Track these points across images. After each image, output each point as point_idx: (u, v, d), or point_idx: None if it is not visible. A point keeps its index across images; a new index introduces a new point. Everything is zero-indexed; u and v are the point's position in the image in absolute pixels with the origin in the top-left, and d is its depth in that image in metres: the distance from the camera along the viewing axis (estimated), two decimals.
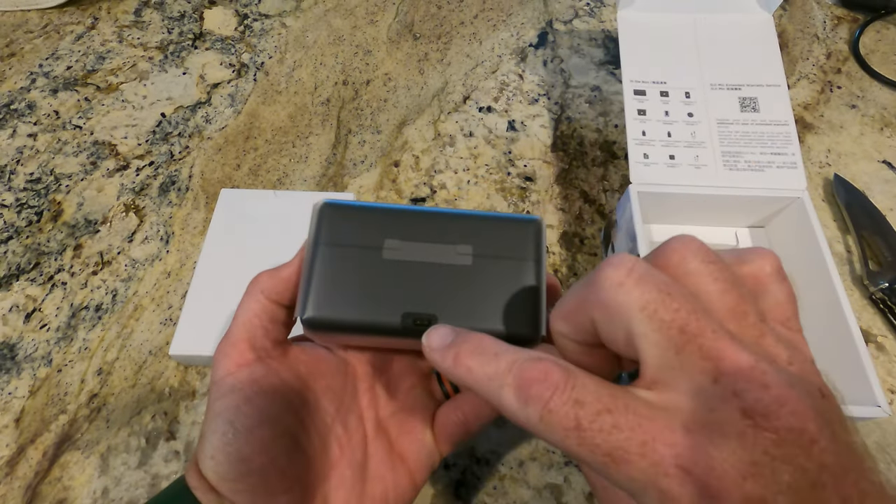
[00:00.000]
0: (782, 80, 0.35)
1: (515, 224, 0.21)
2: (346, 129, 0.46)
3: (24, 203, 0.41)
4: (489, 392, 0.14)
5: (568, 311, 0.16)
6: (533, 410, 0.13)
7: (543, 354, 0.14)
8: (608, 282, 0.14)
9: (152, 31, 0.52)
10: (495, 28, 0.52)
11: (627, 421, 0.13)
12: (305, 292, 0.19)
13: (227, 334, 0.21)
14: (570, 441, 0.13)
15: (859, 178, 0.42)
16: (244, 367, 0.20)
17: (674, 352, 0.13)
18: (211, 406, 0.20)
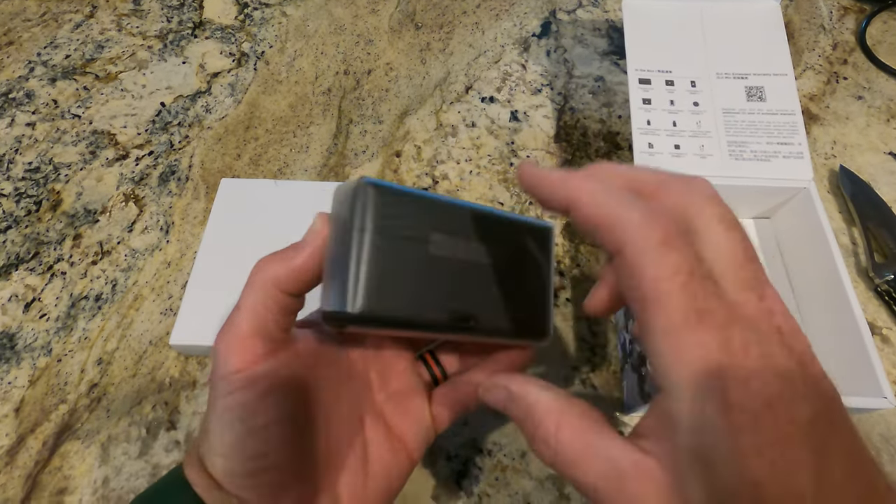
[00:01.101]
0: (789, 68, 0.35)
1: (533, 229, 0.22)
2: (347, 119, 0.45)
3: (22, 192, 0.41)
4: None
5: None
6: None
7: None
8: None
9: (151, 19, 0.51)
10: (498, 17, 0.52)
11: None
12: (347, 283, 0.17)
13: (231, 325, 0.19)
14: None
15: (865, 170, 0.42)
16: (257, 363, 0.19)
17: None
18: (218, 402, 0.19)
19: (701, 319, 0.14)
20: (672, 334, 0.14)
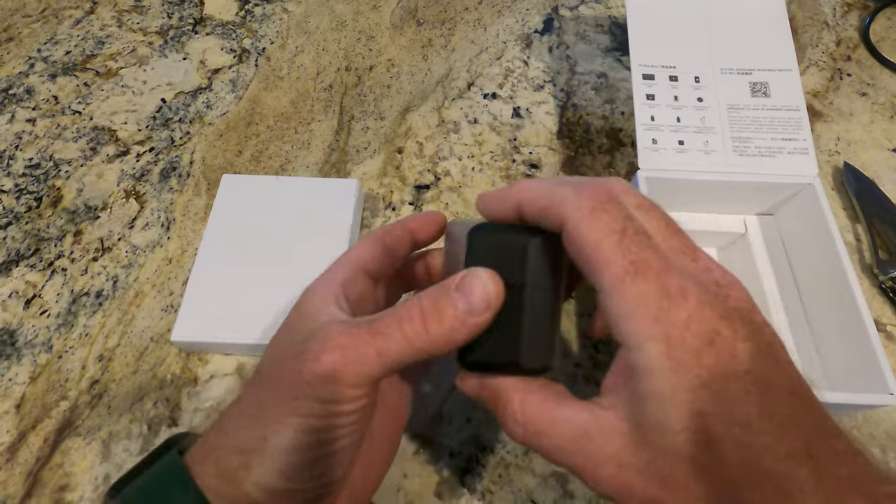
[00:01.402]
0: (794, 64, 0.35)
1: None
2: (348, 115, 0.45)
3: (23, 188, 0.41)
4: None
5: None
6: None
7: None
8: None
9: (152, 15, 0.51)
10: (500, 14, 0.51)
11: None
12: (520, 336, 0.18)
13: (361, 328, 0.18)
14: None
15: (869, 167, 0.42)
16: (367, 396, 0.18)
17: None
18: (292, 418, 0.17)
19: (638, 270, 0.15)
20: (617, 289, 0.16)
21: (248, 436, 0.18)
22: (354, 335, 0.17)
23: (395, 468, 0.30)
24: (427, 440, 0.31)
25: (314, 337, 0.18)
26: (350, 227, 0.36)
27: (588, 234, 0.16)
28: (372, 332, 0.17)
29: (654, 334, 0.15)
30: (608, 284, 0.16)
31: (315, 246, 0.35)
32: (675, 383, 0.15)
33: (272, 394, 0.18)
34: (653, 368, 0.15)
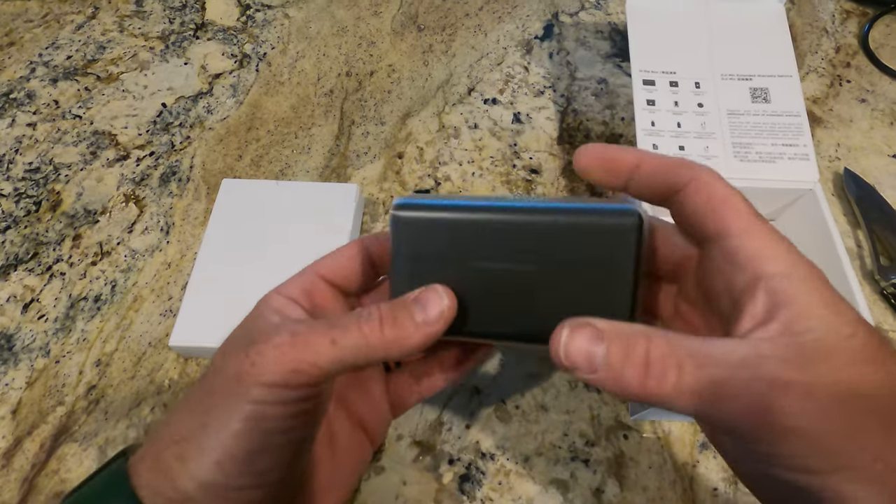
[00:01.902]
0: (794, 70, 0.35)
1: (608, 223, 0.18)
2: (349, 120, 0.45)
3: (22, 192, 0.41)
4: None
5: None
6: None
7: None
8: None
9: (153, 20, 0.51)
10: (500, 20, 0.52)
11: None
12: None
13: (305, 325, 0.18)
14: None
15: (869, 173, 0.42)
16: (316, 388, 0.17)
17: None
18: (244, 406, 0.16)
19: (763, 220, 0.17)
20: (752, 229, 0.16)
21: (187, 424, 0.17)
22: (310, 325, 0.17)
23: (395, 475, 0.30)
24: (427, 447, 0.31)
25: (269, 327, 0.18)
26: (350, 232, 0.36)
27: (720, 188, 0.17)
28: (329, 325, 0.17)
29: (796, 261, 0.16)
30: (742, 226, 0.16)
31: (315, 251, 0.35)
32: (831, 295, 0.15)
33: (217, 381, 0.17)
34: (810, 284, 0.15)
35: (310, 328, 0.17)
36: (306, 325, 0.17)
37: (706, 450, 0.31)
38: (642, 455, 0.31)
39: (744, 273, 0.16)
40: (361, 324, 0.17)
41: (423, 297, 0.18)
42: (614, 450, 0.31)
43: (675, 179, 0.18)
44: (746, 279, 0.16)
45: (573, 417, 0.32)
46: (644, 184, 0.19)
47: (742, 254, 0.16)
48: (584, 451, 0.31)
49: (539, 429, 0.32)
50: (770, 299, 0.15)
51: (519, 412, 0.32)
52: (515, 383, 0.33)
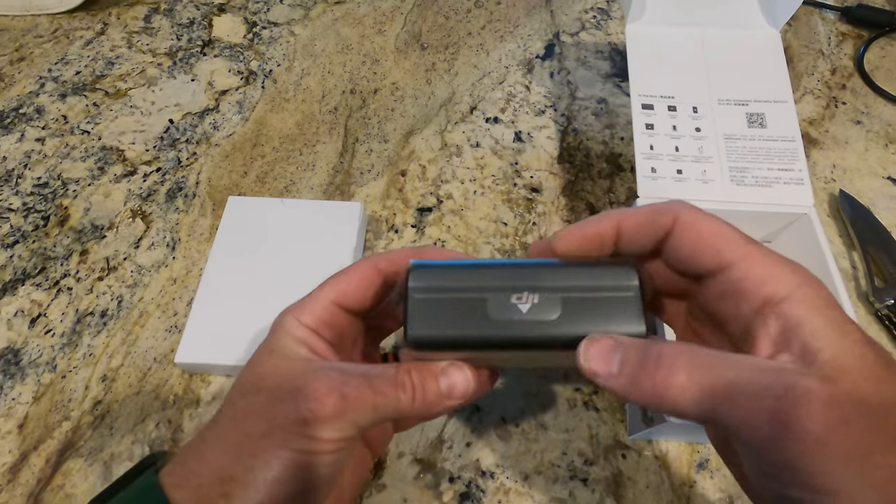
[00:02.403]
0: (789, 96, 0.36)
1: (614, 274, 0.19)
2: (353, 137, 0.46)
3: (31, 207, 0.42)
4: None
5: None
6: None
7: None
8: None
9: (161, 37, 0.52)
10: (502, 39, 0.53)
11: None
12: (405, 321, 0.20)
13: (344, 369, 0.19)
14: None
15: (864, 194, 0.42)
16: (356, 440, 0.20)
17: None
18: (283, 452, 0.18)
19: (756, 244, 0.17)
20: (749, 256, 0.17)
21: (232, 465, 0.18)
22: (356, 387, 0.19)
23: (396, 492, 0.31)
24: (427, 465, 0.32)
25: (315, 378, 0.19)
26: (354, 249, 0.37)
27: (706, 223, 0.17)
28: (373, 390, 0.19)
29: (801, 282, 0.16)
30: (740, 256, 0.17)
31: (319, 268, 0.36)
32: (837, 316, 0.15)
33: (261, 425, 0.18)
34: (816, 306, 0.15)
35: (357, 390, 0.19)
36: (352, 385, 0.19)
37: (703, 470, 0.31)
38: (640, 475, 0.31)
39: (751, 301, 0.16)
40: (399, 392, 0.19)
41: (450, 374, 0.20)
42: (612, 469, 0.31)
43: (657, 228, 0.18)
44: (755, 306, 0.16)
45: (572, 436, 0.32)
46: (631, 243, 0.19)
47: (747, 283, 0.16)
48: (583, 470, 0.31)
49: (538, 447, 0.32)
50: (783, 324, 0.16)
51: (519, 430, 0.33)
52: (516, 402, 0.33)
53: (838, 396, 0.14)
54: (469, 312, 0.19)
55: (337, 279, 0.22)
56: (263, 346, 0.21)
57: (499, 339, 0.19)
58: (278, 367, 0.20)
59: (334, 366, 0.20)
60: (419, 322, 0.19)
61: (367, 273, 0.22)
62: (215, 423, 0.20)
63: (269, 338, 0.21)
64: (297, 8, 0.55)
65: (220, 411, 0.20)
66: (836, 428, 0.14)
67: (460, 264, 0.20)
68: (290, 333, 0.20)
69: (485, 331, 0.19)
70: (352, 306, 0.22)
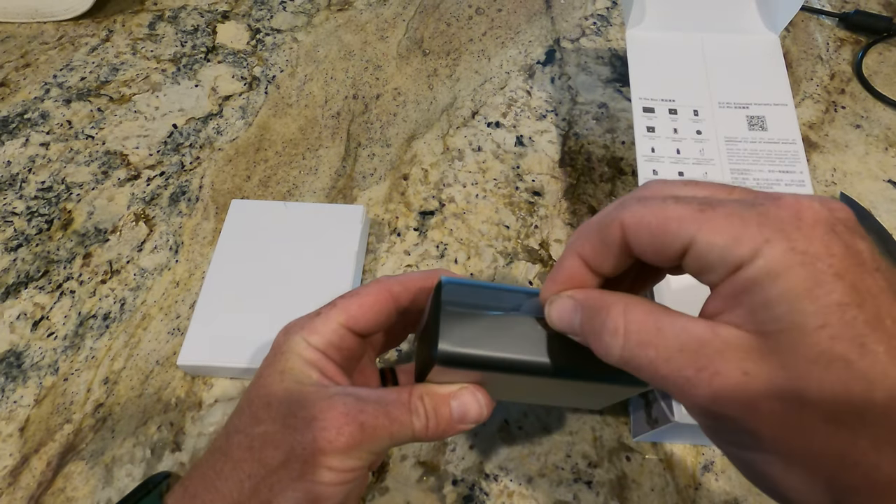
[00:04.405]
0: (789, 99, 0.36)
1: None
2: (355, 142, 0.46)
3: (34, 211, 0.42)
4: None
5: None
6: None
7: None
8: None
9: (166, 43, 0.53)
10: (503, 45, 0.53)
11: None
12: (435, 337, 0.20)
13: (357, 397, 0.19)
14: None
15: (865, 197, 0.42)
16: (370, 467, 0.20)
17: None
18: (301, 484, 0.18)
19: (711, 204, 0.15)
20: (706, 223, 0.15)
21: (249, 500, 0.18)
22: (373, 415, 0.19)
23: (399, 495, 0.30)
24: (430, 467, 0.31)
25: (330, 406, 0.19)
26: (356, 253, 0.37)
27: (649, 211, 0.16)
28: (389, 418, 0.19)
29: (769, 236, 0.14)
30: (694, 229, 0.15)
31: (321, 271, 0.36)
32: (807, 276, 0.13)
33: (278, 455, 0.18)
34: (778, 269, 0.13)
35: (374, 418, 0.19)
36: (368, 413, 0.19)
37: (708, 472, 0.31)
38: (644, 477, 0.31)
39: (722, 273, 0.15)
40: (413, 420, 0.19)
41: (462, 398, 0.20)
42: (617, 471, 0.31)
43: (612, 245, 0.17)
44: (721, 274, 0.15)
45: (576, 438, 0.32)
46: (606, 269, 0.18)
47: (712, 256, 0.15)
48: (587, 473, 0.31)
49: (542, 450, 0.32)
50: (731, 291, 0.14)
51: (522, 433, 0.32)
52: (519, 404, 0.33)
53: (755, 382, 0.13)
54: (500, 332, 0.19)
55: (348, 301, 0.21)
56: (271, 367, 0.20)
57: (529, 362, 0.19)
58: (291, 393, 0.19)
59: (348, 392, 0.19)
60: (449, 338, 0.18)
61: (379, 297, 0.22)
62: (225, 454, 0.19)
63: (276, 358, 0.20)
64: (301, 15, 0.55)
65: (228, 439, 0.20)
66: (741, 411, 0.14)
67: (490, 286, 0.20)
68: (300, 355, 0.20)
69: (516, 352, 0.19)
70: (361, 330, 0.21)
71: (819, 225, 0.13)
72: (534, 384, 0.20)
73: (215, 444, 0.20)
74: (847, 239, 0.13)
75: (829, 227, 0.13)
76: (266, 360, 0.21)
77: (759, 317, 0.14)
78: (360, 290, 0.22)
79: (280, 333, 0.21)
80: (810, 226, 0.14)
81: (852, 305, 0.13)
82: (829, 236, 0.13)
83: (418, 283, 0.22)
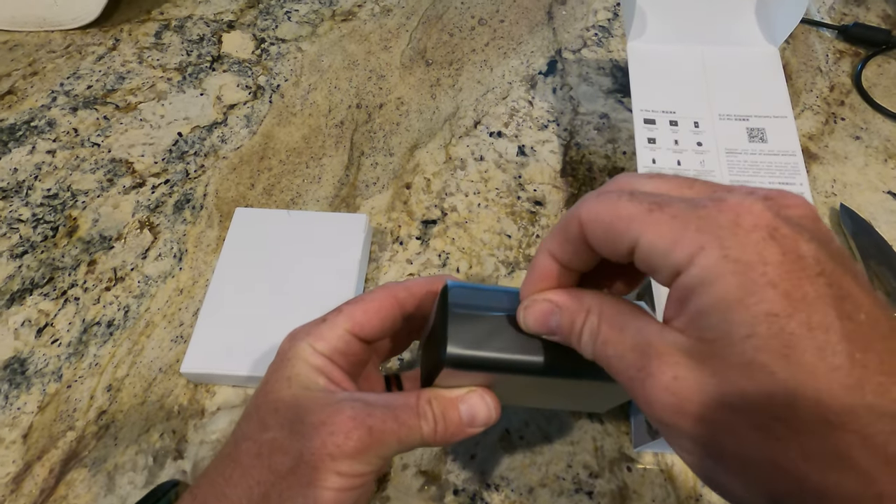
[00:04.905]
0: (789, 111, 0.36)
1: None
2: (358, 151, 0.46)
3: (40, 218, 0.42)
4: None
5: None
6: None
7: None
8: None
9: (172, 52, 0.53)
10: (506, 56, 0.54)
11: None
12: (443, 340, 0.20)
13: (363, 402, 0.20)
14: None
15: (865, 209, 0.43)
16: (379, 471, 0.20)
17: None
18: (312, 490, 0.18)
19: (660, 205, 0.15)
20: (647, 227, 0.15)
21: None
22: (381, 419, 0.19)
23: None
24: (432, 477, 0.31)
25: (338, 411, 0.19)
26: (359, 262, 0.37)
27: (604, 208, 0.16)
28: (397, 422, 0.19)
29: (704, 242, 0.14)
30: (641, 229, 0.15)
31: (324, 280, 0.36)
32: (738, 285, 0.13)
33: (287, 462, 0.18)
34: (710, 276, 0.13)
35: (382, 422, 0.19)
36: (376, 417, 0.19)
37: None
38: (646, 488, 0.31)
39: (664, 275, 0.15)
40: (422, 423, 0.19)
41: (471, 402, 0.20)
42: (618, 482, 0.31)
43: (575, 241, 0.17)
44: (665, 276, 0.15)
45: (577, 448, 0.32)
46: (579, 265, 0.18)
47: (654, 258, 0.15)
48: (588, 483, 0.31)
49: (543, 460, 0.32)
50: (678, 296, 0.15)
51: (523, 443, 0.33)
52: (520, 413, 0.33)
53: (682, 386, 0.14)
54: (507, 333, 0.19)
55: (353, 307, 0.22)
56: (278, 373, 0.20)
57: (537, 362, 0.19)
58: (298, 398, 0.19)
59: (356, 397, 0.19)
60: (458, 340, 0.18)
61: (384, 303, 0.22)
62: (234, 461, 0.19)
63: (283, 364, 0.20)
64: (305, 25, 0.56)
65: (236, 445, 0.20)
66: (672, 415, 0.14)
67: (495, 289, 0.20)
68: (307, 362, 0.20)
69: (523, 353, 0.19)
70: (367, 336, 0.21)
71: (757, 230, 0.13)
72: (541, 385, 0.20)
73: (224, 451, 0.20)
74: (788, 244, 0.13)
75: (769, 232, 0.13)
76: (272, 367, 0.21)
77: (697, 324, 0.14)
78: (365, 296, 0.22)
79: (286, 340, 0.21)
80: (747, 231, 0.13)
81: (782, 316, 0.13)
82: (764, 243, 0.13)
83: (423, 289, 0.23)
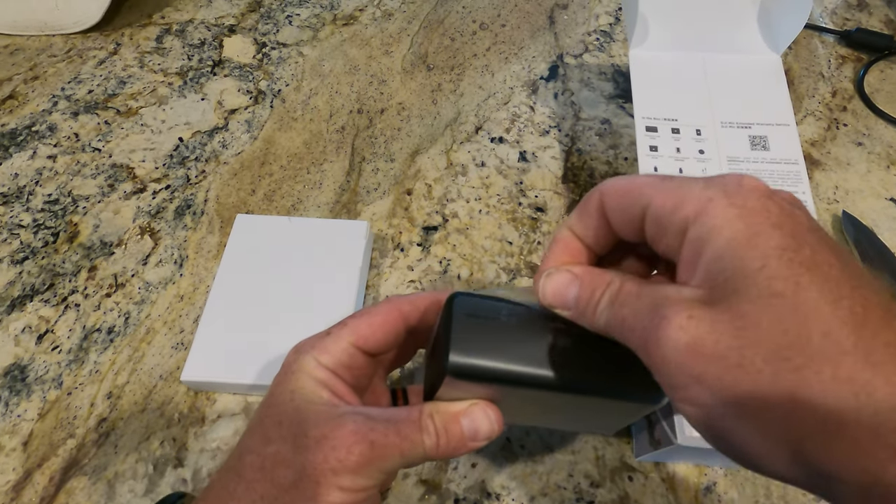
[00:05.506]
0: (791, 119, 0.36)
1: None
2: (360, 156, 0.46)
3: (41, 224, 0.42)
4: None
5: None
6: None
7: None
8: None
9: (173, 57, 0.53)
10: (507, 61, 0.53)
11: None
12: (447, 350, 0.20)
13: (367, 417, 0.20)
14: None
15: (867, 215, 0.42)
16: (381, 486, 0.20)
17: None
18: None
19: (666, 176, 0.17)
20: (657, 192, 0.17)
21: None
22: (383, 434, 0.19)
23: None
24: (433, 486, 0.31)
25: (340, 425, 0.19)
26: (359, 269, 0.37)
27: (623, 181, 0.18)
28: (400, 436, 0.19)
29: (710, 195, 0.15)
30: (651, 194, 0.16)
31: (325, 287, 0.36)
32: (746, 226, 0.14)
33: (289, 475, 0.18)
34: (720, 222, 0.15)
35: (384, 437, 0.19)
36: (378, 431, 0.19)
37: (710, 493, 0.31)
38: (647, 498, 0.31)
39: (672, 233, 0.16)
40: (424, 438, 0.19)
41: (473, 415, 0.20)
42: (619, 492, 0.31)
43: (596, 215, 0.18)
44: (672, 235, 0.16)
45: (578, 458, 0.32)
46: (600, 245, 0.19)
47: (663, 217, 0.16)
48: (590, 493, 0.31)
49: (544, 469, 0.32)
50: (690, 249, 0.16)
51: (525, 452, 0.32)
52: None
53: (696, 339, 0.14)
54: (512, 344, 0.19)
55: (358, 321, 0.22)
56: (282, 385, 0.20)
57: (541, 375, 0.19)
58: (301, 412, 0.19)
59: (359, 411, 0.19)
60: (461, 348, 0.18)
61: (389, 316, 0.22)
62: (238, 474, 0.19)
63: (287, 377, 0.20)
64: (306, 29, 0.56)
65: (240, 459, 0.20)
66: (685, 355, 0.14)
67: (501, 299, 0.20)
68: (310, 375, 0.20)
69: (528, 364, 0.18)
70: (371, 349, 0.21)
71: (757, 190, 0.15)
72: (546, 401, 0.20)
73: (228, 464, 0.20)
74: (785, 206, 0.15)
75: (768, 195, 0.15)
76: (276, 379, 0.21)
77: (710, 270, 0.15)
78: (369, 309, 0.22)
79: (290, 352, 0.21)
80: (749, 190, 0.15)
81: (790, 249, 0.14)
82: (765, 199, 0.15)
83: (428, 302, 0.23)
